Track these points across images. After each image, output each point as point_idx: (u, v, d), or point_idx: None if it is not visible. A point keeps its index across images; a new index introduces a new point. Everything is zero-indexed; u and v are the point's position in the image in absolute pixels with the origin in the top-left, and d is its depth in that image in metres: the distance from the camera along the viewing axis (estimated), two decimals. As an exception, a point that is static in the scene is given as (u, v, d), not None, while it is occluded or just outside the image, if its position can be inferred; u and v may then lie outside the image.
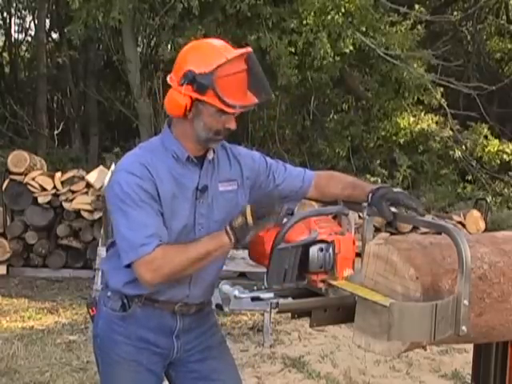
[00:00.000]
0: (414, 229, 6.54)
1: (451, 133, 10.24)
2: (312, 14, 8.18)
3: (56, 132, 12.83)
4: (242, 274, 6.25)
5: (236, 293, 1.81)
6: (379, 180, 9.75)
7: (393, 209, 1.96)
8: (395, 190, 2.08)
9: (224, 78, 1.95)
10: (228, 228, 1.96)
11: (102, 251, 5.17)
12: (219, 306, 1.90)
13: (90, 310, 2.23)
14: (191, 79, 1.96)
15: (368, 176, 9.91)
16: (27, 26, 14.80)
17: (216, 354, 2.25)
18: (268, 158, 2.29)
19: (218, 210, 2.11)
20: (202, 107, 1.99)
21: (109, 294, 2.13)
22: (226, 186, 2.14)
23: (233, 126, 2.04)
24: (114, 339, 2.12)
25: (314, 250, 1.86)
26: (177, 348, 2.17)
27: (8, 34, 14.55)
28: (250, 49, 2.04)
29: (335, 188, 2.23)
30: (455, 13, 11.94)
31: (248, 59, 2.01)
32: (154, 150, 2.08)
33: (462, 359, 4.69)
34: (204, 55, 1.99)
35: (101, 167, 7.35)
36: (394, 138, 10.44)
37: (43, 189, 6.87)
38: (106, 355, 2.15)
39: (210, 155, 2.11)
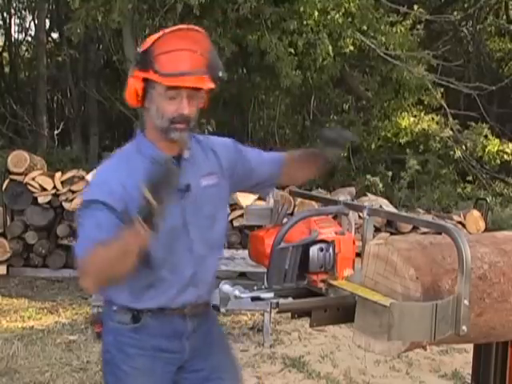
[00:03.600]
0: (414, 229, 6.54)
1: (451, 133, 10.23)
2: (313, 14, 8.16)
3: (56, 132, 12.84)
4: (242, 274, 6.24)
5: (236, 293, 1.81)
6: (379, 180, 9.75)
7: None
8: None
9: (165, 54, 1.93)
10: (135, 216, 1.84)
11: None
12: (216, 307, 1.90)
13: (95, 328, 2.20)
14: (137, 59, 1.98)
15: (368, 176, 9.92)
16: (27, 26, 14.82)
17: (217, 349, 2.24)
18: (240, 145, 2.27)
19: (205, 206, 2.08)
20: (152, 91, 1.97)
21: (114, 308, 2.08)
22: (208, 180, 2.11)
23: (185, 110, 1.96)
24: (126, 352, 2.07)
25: (314, 250, 1.86)
26: (188, 350, 2.14)
27: (8, 34, 14.56)
28: (198, 28, 2.01)
29: (300, 170, 2.30)
30: (455, 13, 11.93)
31: (194, 39, 1.98)
32: (129, 158, 2.05)
33: (462, 359, 4.69)
34: (151, 36, 2.00)
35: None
36: (394, 138, 10.44)
37: (43, 189, 6.87)
38: (119, 370, 2.08)
39: (186, 154, 2.07)
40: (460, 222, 7.28)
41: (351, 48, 8.80)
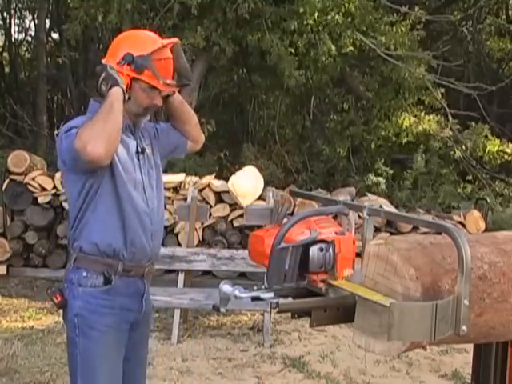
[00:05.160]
0: (414, 229, 6.54)
1: (451, 133, 10.23)
2: (313, 14, 8.15)
3: (56, 132, 12.79)
4: (242, 274, 6.25)
5: (236, 293, 1.81)
6: (380, 180, 9.75)
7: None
8: None
9: (159, 61, 2.31)
10: (100, 85, 2.30)
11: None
12: (216, 307, 1.90)
13: (54, 298, 2.33)
14: (130, 60, 2.29)
15: (369, 176, 9.91)
16: (27, 26, 14.85)
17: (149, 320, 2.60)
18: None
19: (151, 170, 2.43)
20: (135, 84, 2.31)
21: (84, 274, 2.29)
22: (149, 148, 2.46)
23: (159, 102, 2.39)
24: (99, 312, 2.29)
25: (314, 250, 1.86)
26: (143, 310, 2.42)
27: (8, 34, 14.58)
28: (176, 39, 2.41)
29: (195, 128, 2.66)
30: (455, 13, 11.92)
31: (173, 49, 2.38)
32: None
33: (462, 359, 4.69)
34: (141, 41, 2.37)
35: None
36: (395, 138, 10.43)
37: (43, 189, 6.87)
38: (91, 330, 2.28)
39: (142, 123, 2.44)
40: (460, 222, 7.28)
41: (351, 48, 8.79)
